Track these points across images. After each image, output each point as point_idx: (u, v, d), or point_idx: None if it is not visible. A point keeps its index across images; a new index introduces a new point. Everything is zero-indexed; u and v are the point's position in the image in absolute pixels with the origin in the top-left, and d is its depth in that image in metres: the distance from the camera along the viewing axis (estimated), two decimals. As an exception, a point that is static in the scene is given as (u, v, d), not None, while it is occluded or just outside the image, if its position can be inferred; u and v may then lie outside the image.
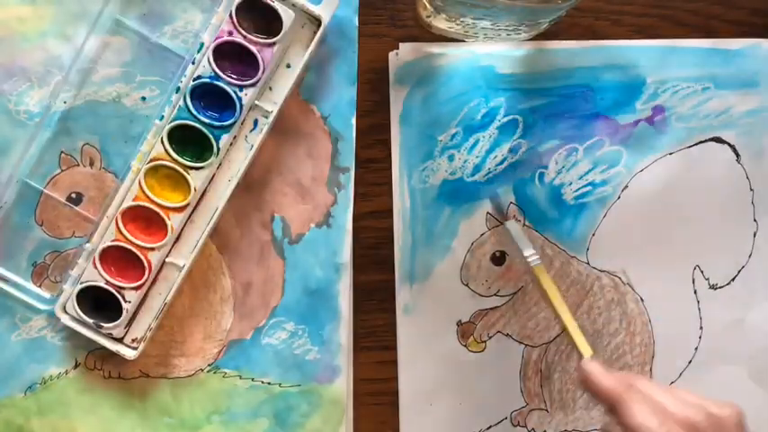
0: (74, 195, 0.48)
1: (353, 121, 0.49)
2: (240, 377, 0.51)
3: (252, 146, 0.47)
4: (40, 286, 0.49)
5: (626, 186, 0.50)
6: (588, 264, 0.51)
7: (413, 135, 0.50)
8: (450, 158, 0.50)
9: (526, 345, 0.52)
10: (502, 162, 0.50)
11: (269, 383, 0.51)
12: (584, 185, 0.51)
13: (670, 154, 0.50)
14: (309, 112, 0.49)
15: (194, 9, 0.47)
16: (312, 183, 0.50)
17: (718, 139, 0.51)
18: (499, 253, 0.51)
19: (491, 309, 0.51)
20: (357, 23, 0.49)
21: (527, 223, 0.51)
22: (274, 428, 0.51)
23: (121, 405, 0.50)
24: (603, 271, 0.51)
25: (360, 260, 0.51)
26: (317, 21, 0.47)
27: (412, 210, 0.50)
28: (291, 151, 0.49)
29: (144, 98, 0.48)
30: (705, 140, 0.51)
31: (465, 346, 0.51)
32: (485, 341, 0.51)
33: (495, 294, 0.51)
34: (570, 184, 0.50)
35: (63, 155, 0.48)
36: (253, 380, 0.51)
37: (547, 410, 0.52)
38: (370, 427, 0.52)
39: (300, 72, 0.47)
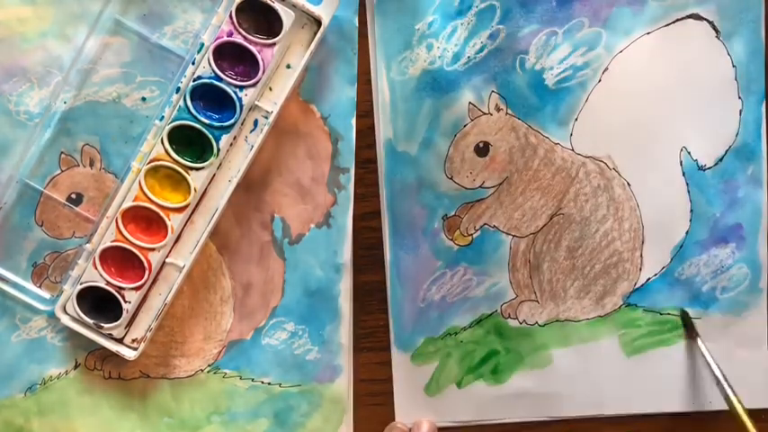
0: (74, 196, 0.48)
1: (353, 121, 0.49)
2: (240, 377, 0.51)
3: (252, 146, 0.47)
4: (40, 287, 0.49)
5: (606, 69, 0.50)
6: (573, 150, 0.51)
7: (389, 25, 0.49)
8: (429, 47, 0.49)
9: (513, 236, 0.51)
10: (482, 50, 0.49)
11: (269, 384, 0.51)
12: (565, 69, 0.50)
13: (647, 33, 0.50)
14: (309, 113, 0.49)
15: (194, 9, 0.47)
16: (312, 183, 0.50)
17: (695, 16, 0.50)
18: (482, 143, 0.50)
19: (476, 201, 0.51)
20: (357, 24, 0.49)
21: (509, 111, 0.50)
22: (275, 428, 0.51)
23: (121, 405, 0.50)
24: (588, 157, 0.51)
25: (360, 261, 0.51)
26: (317, 21, 0.47)
27: (392, 103, 0.49)
28: (291, 152, 0.49)
29: (144, 98, 0.48)
30: (683, 18, 0.50)
31: (451, 239, 0.51)
32: (471, 234, 0.51)
33: (480, 186, 0.50)
34: (551, 68, 0.49)
35: (63, 155, 0.48)
36: (253, 380, 0.51)
37: (537, 301, 0.52)
38: (370, 427, 0.52)
39: (300, 72, 0.47)
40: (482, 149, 0.50)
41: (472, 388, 0.52)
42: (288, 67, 0.47)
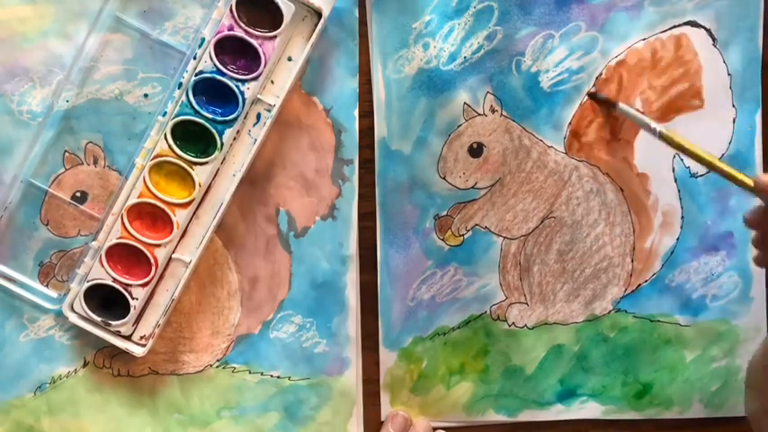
0: (78, 194, 0.48)
1: (356, 112, 0.49)
2: (249, 372, 0.51)
3: (255, 140, 0.47)
4: (47, 286, 0.49)
5: (601, 73, 0.50)
6: (566, 153, 0.51)
7: (386, 23, 0.49)
8: (426, 47, 0.49)
9: (504, 237, 0.51)
10: (478, 50, 0.49)
11: (278, 377, 0.51)
12: (561, 72, 0.50)
13: (644, 39, 0.50)
14: (312, 105, 0.49)
15: (194, 5, 0.47)
16: (316, 175, 0.50)
17: (693, 23, 0.50)
18: (476, 144, 0.50)
19: (468, 202, 0.51)
20: (357, 15, 0.49)
21: (504, 113, 0.50)
22: (285, 422, 0.51)
23: (131, 403, 0.50)
24: (582, 161, 0.51)
25: (361, 260, 0.51)
26: (317, 13, 0.47)
27: (387, 101, 0.49)
28: (295, 144, 0.49)
29: (146, 95, 0.48)
30: (680, 25, 0.50)
31: (443, 239, 0.51)
32: (462, 235, 0.51)
33: (472, 187, 0.50)
34: (547, 71, 0.50)
35: (67, 154, 0.48)
36: (262, 374, 0.51)
37: (527, 303, 0.52)
38: (374, 428, 0.52)
39: (302, 65, 0.47)
40: (476, 150, 0.50)
41: (460, 388, 0.52)
42: (289, 59, 0.47)
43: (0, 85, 0.47)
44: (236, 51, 0.46)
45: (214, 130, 0.46)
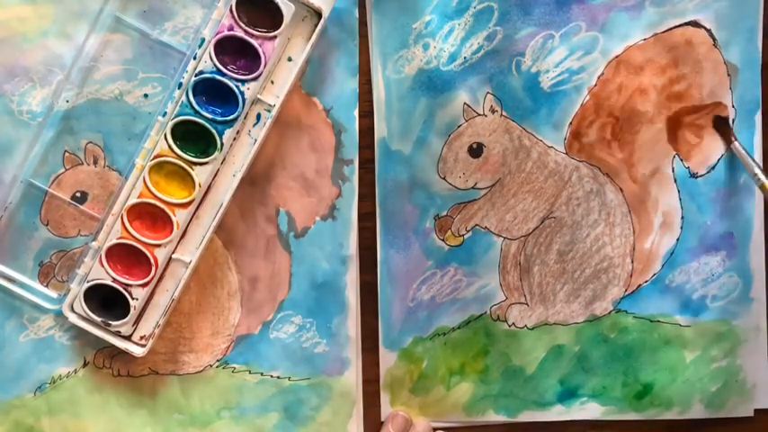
0: (78, 194, 0.48)
1: (356, 113, 0.49)
2: (249, 372, 0.51)
3: (255, 140, 0.47)
4: (47, 286, 0.49)
5: (602, 73, 0.50)
6: (566, 154, 0.51)
7: (386, 23, 0.49)
8: (426, 47, 0.49)
9: (504, 238, 0.51)
10: (478, 50, 0.49)
11: (278, 377, 0.51)
12: (561, 72, 0.50)
13: (644, 39, 0.50)
14: (312, 105, 0.49)
15: (194, 5, 0.47)
16: (316, 176, 0.50)
17: (693, 23, 0.50)
18: (476, 144, 0.50)
19: (468, 202, 0.51)
20: (357, 15, 0.49)
21: (504, 113, 0.50)
22: (285, 422, 0.51)
23: (131, 403, 0.50)
24: (582, 161, 0.51)
25: (361, 261, 0.51)
26: (317, 13, 0.47)
27: (387, 102, 0.49)
28: (295, 145, 0.49)
29: (146, 95, 0.48)
30: (681, 25, 0.50)
31: (443, 240, 0.51)
32: (462, 235, 0.51)
33: (472, 187, 0.50)
34: (547, 71, 0.50)
35: (67, 154, 0.48)
36: (262, 374, 0.51)
37: (527, 304, 0.52)
38: (374, 428, 0.52)
39: (302, 65, 0.47)
40: (476, 150, 0.50)
41: (460, 389, 0.52)
42: (289, 59, 0.47)
43: (0, 85, 0.47)
44: (236, 51, 0.46)
45: (214, 131, 0.46)
